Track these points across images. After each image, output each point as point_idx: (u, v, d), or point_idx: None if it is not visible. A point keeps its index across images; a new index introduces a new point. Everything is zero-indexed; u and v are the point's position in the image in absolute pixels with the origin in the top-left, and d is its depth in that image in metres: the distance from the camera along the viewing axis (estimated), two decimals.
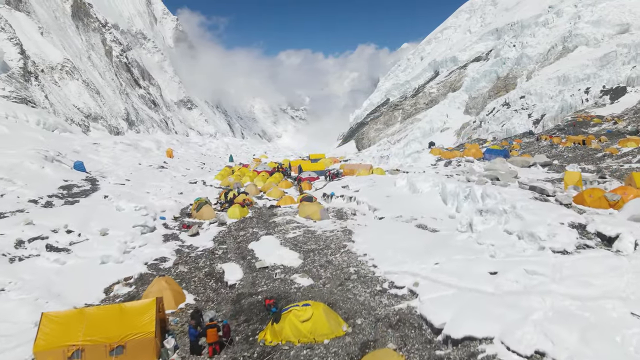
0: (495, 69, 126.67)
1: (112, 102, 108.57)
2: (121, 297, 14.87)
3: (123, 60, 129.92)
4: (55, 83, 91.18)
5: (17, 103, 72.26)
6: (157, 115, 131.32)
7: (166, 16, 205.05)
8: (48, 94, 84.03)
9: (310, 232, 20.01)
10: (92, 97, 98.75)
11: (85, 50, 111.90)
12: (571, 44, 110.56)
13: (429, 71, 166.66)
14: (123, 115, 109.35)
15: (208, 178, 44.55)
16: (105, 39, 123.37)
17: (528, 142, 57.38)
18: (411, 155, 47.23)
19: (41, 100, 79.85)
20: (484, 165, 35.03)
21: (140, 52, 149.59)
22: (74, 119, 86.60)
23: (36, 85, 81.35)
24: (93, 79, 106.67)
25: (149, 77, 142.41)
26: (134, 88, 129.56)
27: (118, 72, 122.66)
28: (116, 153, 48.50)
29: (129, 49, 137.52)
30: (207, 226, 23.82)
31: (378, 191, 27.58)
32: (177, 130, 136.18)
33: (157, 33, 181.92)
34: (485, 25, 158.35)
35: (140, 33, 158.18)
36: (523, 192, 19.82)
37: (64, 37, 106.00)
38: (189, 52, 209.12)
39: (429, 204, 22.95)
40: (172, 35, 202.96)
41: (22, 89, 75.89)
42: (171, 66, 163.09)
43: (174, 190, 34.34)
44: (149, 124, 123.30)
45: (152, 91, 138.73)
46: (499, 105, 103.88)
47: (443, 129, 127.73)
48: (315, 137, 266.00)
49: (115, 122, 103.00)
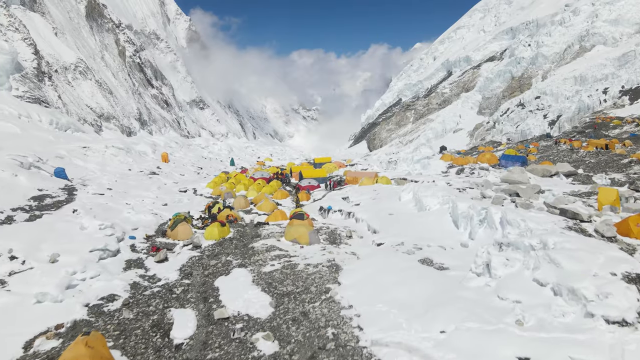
0: (510, 69, 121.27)
1: (124, 102, 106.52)
2: (42, 357, 11.38)
3: (136, 61, 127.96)
4: (68, 83, 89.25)
5: (30, 103, 70.28)
6: (170, 115, 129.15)
7: (179, 16, 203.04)
8: (61, 94, 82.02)
9: (291, 266, 15.52)
10: (104, 97, 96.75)
11: (99, 51, 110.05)
12: (588, 43, 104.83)
13: (442, 71, 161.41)
14: (135, 115, 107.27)
15: (200, 186, 40.55)
16: (119, 40, 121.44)
17: (546, 145, 52.45)
18: (420, 161, 42.88)
19: (54, 100, 77.85)
20: (500, 174, 30.55)
21: (154, 52, 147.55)
22: (87, 118, 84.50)
23: (49, 85, 79.39)
24: (106, 79, 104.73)
25: (162, 77, 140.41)
26: (146, 88, 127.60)
27: (131, 72, 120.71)
28: (105, 158, 44.63)
29: (142, 49, 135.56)
30: (179, 249, 20.03)
31: (380, 206, 23.97)
32: (189, 130, 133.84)
33: (170, 33, 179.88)
34: (500, 25, 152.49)
35: (154, 33, 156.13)
36: (552, 217, 15.26)
37: (78, 38, 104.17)
38: (201, 52, 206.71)
39: (437, 225, 18.80)
40: (185, 36, 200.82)
41: (36, 89, 73.87)
42: (184, 66, 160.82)
43: (159, 200, 30.74)
44: (161, 124, 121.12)
45: (164, 91, 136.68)
46: (513, 105, 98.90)
47: (456, 129, 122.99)
48: (326, 137, 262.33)
49: (127, 122, 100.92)
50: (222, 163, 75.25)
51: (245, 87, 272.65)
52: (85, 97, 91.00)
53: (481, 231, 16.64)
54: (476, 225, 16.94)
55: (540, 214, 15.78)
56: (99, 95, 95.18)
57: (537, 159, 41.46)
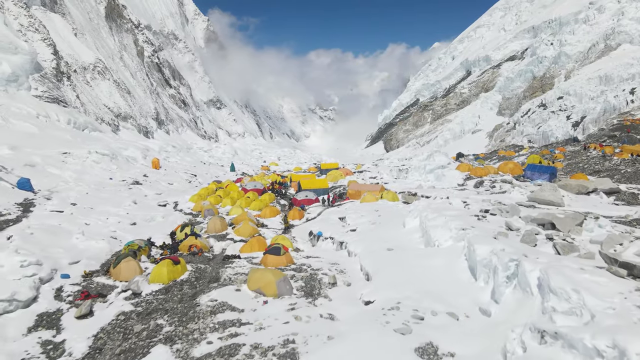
0: (531, 68, 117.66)
1: (142, 101, 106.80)
2: None
3: (154, 61, 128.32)
4: (87, 83, 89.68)
5: (49, 103, 70.55)
6: (187, 115, 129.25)
7: (197, 17, 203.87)
8: (79, 93, 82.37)
9: (232, 348, 10.84)
10: (122, 96, 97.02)
11: (118, 51, 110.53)
12: (614, 42, 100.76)
13: (461, 71, 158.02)
14: (153, 115, 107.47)
15: (184, 198, 35.46)
16: (138, 40, 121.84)
17: (573, 151, 47.64)
18: (434, 171, 38.91)
19: (72, 99, 78.17)
20: (526, 188, 26.42)
21: (172, 52, 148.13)
22: (104, 118, 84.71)
23: (68, 85, 79.75)
24: (124, 79, 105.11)
25: (180, 77, 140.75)
26: (164, 88, 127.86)
27: (149, 72, 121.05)
28: (86, 165, 40.04)
29: (161, 50, 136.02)
30: (114, 297, 15.12)
31: (380, 234, 19.52)
32: (205, 130, 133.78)
33: (188, 33, 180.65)
34: (521, 23, 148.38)
35: (172, 34, 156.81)
36: (617, 283, 9.61)
37: (98, 38, 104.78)
38: (219, 52, 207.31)
39: (447, 273, 13.85)
40: (202, 36, 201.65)
41: (55, 89, 74.20)
42: (201, 66, 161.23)
43: (128, 218, 26.29)
44: (179, 124, 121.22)
45: (182, 91, 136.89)
46: (534, 106, 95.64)
47: (474, 130, 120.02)
48: (343, 138, 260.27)
49: (144, 121, 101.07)
50: (222, 168, 69.08)
51: (263, 87, 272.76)
52: (103, 96, 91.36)
53: (509, 293, 11.44)
54: (502, 283, 11.71)
55: (598, 276, 9.87)
56: (117, 95, 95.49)
57: (565, 167, 38.35)
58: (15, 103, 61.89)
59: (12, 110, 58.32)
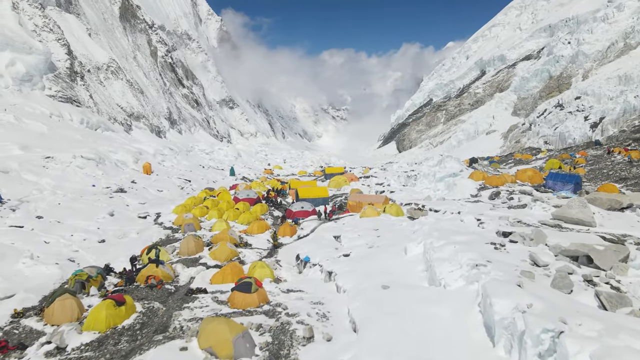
0: (548, 68, 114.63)
1: (155, 101, 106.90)
2: None
3: (168, 61, 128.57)
4: (100, 83, 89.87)
5: (62, 102, 70.74)
6: (200, 115, 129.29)
7: (211, 17, 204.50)
8: (93, 93, 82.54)
9: None
10: (135, 96, 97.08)
11: (131, 51, 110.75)
12: (634, 41, 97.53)
13: (475, 70, 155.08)
14: (165, 115, 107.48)
15: (168, 209, 31.66)
16: (151, 40, 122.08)
17: (595, 155, 43.86)
18: (444, 180, 35.49)
19: (85, 99, 78.31)
20: (550, 205, 21.84)
21: (185, 52, 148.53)
22: (117, 117, 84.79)
23: (81, 85, 79.95)
24: (137, 79, 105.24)
25: (193, 77, 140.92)
26: (177, 87, 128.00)
27: (163, 72, 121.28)
28: (68, 171, 36.28)
29: (174, 50, 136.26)
30: (35, 350, 11.41)
31: (376, 265, 16.23)
32: (218, 129, 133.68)
33: (201, 33, 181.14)
34: (537, 22, 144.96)
35: (186, 34, 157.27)
36: None
37: (112, 38, 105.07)
38: (232, 52, 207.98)
39: (456, 329, 10.32)
40: (216, 36, 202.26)
41: (68, 89, 74.39)
42: (214, 66, 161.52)
43: (97, 234, 22.97)
44: (191, 123, 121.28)
45: (195, 90, 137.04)
46: (551, 106, 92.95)
47: (489, 131, 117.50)
48: (355, 138, 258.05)
49: (157, 121, 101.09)
50: (222, 173, 63.39)
51: (275, 87, 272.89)
52: (116, 96, 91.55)
53: None
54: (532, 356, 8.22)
55: None
56: (130, 94, 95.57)
57: (587, 172, 35.19)
58: (29, 103, 61.98)
59: (25, 109, 58.35)
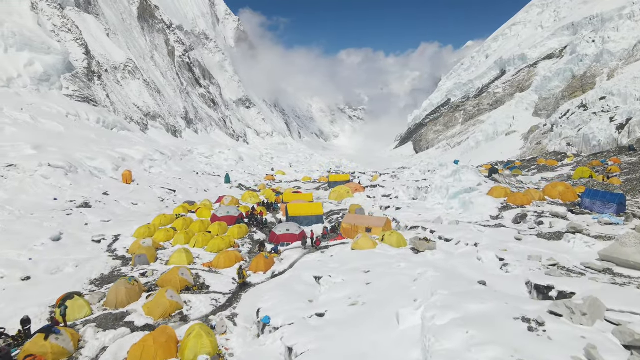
0: (571, 67, 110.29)
1: (172, 101, 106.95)
2: None
3: (185, 60, 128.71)
4: (117, 82, 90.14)
5: (79, 102, 70.99)
6: (216, 114, 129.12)
7: (228, 17, 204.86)
8: (110, 93, 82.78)
9: None
10: (152, 96, 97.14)
11: (149, 51, 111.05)
12: None
13: (495, 70, 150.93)
14: (182, 114, 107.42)
15: (130, 230, 26.57)
16: (169, 40, 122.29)
17: (631, 163, 39.40)
18: (459, 196, 29.98)
19: (102, 99, 78.51)
20: (594, 240, 17.07)
21: (202, 52, 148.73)
22: (133, 117, 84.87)
23: (99, 85, 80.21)
24: (155, 79, 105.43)
25: (210, 77, 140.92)
26: (194, 87, 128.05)
27: (180, 72, 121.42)
28: (28, 182, 31.63)
29: (192, 49, 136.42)
30: None
31: (355, 339, 11.19)
32: (234, 129, 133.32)
33: (219, 33, 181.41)
34: (560, 20, 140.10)
35: (203, 34, 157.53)
36: None
37: (130, 38, 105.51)
38: (249, 52, 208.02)
39: None
40: (233, 36, 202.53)
41: (85, 88, 74.66)
42: (231, 66, 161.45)
43: (24, 269, 18.69)
44: (208, 123, 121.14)
45: (212, 90, 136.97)
46: (574, 107, 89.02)
47: (508, 132, 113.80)
48: (372, 138, 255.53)
49: (173, 120, 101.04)
50: (217, 180, 58.05)
51: (292, 87, 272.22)
52: (133, 96, 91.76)
53: None
54: None
55: None
56: (146, 94, 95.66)
57: (623, 183, 31.02)
58: (46, 102, 62.11)
59: (42, 109, 58.42)
